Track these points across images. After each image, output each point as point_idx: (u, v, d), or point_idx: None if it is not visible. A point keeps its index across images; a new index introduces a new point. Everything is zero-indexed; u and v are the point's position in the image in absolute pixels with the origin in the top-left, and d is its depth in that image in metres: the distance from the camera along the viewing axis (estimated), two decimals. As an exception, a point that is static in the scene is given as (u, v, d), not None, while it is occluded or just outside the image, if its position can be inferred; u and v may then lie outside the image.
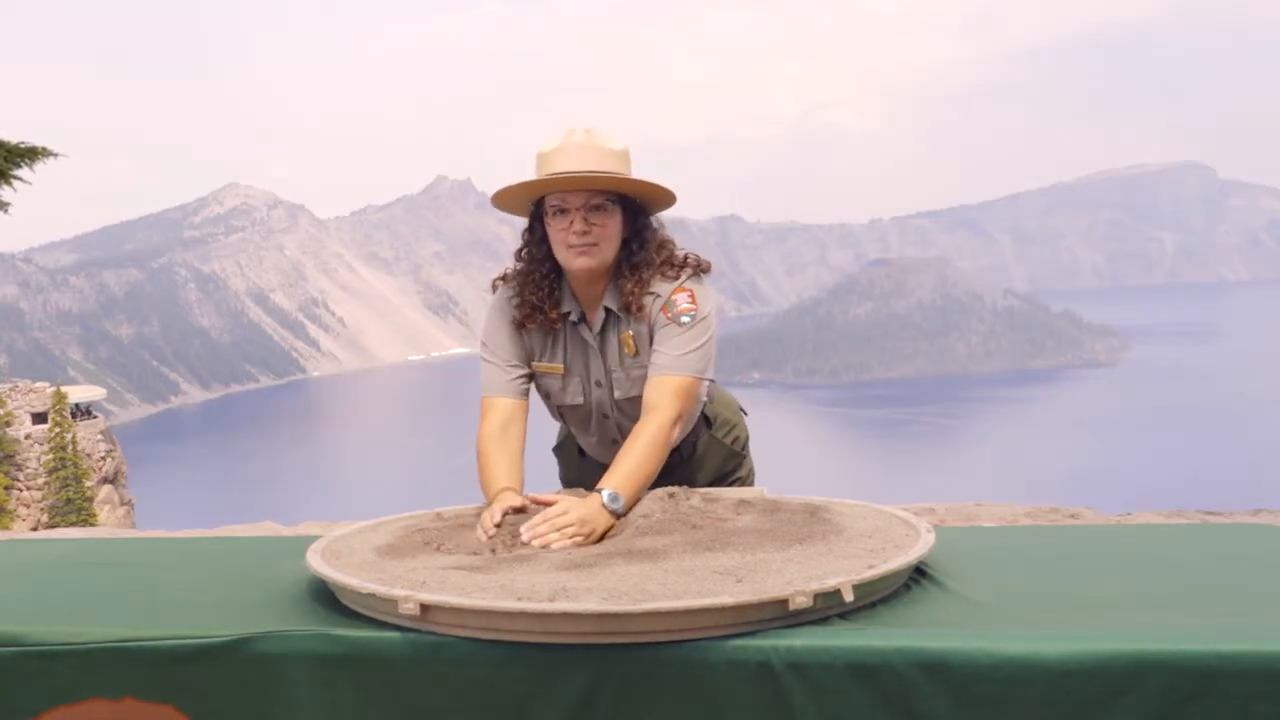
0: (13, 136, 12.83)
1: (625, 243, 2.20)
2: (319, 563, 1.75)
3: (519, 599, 1.50)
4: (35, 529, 26.42)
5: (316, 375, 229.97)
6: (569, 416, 2.39)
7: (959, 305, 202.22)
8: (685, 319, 2.17)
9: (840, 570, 1.60)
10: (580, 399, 2.32)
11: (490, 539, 1.86)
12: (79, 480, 33.10)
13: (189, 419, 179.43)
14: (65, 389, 36.12)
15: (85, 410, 38.08)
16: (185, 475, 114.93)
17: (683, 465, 2.44)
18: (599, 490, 1.94)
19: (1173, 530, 2.39)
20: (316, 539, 1.96)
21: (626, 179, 2.15)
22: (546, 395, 2.35)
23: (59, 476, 32.90)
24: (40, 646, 1.62)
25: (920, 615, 1.59)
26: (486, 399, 2.26)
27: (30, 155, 12.78)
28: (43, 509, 32.45)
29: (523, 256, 2.28)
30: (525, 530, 1.83)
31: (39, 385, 35.42)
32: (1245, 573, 1.83)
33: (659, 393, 2.13)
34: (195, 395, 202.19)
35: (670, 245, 2.25)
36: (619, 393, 2.29)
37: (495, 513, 1.91)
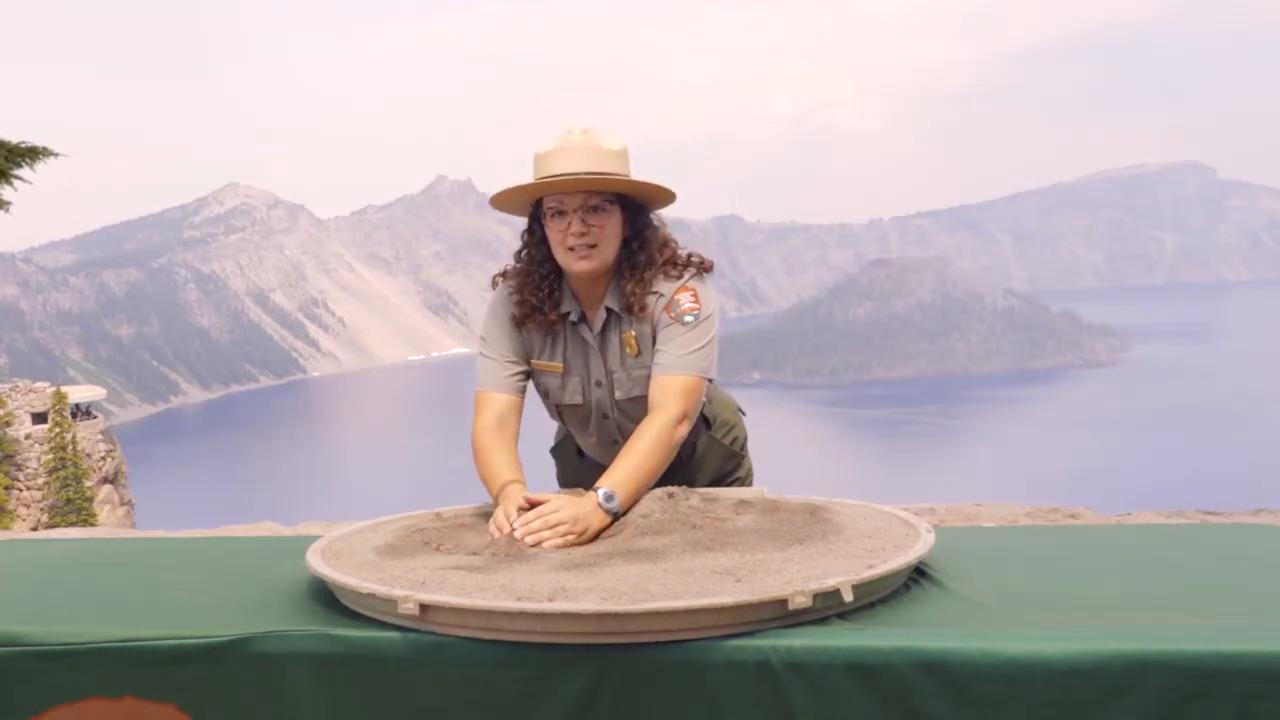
0: (13, 136, 12.83)
1: (625, 242, 2.19)
2: (319, 563, 1.75)
3: (519, 599, 1.50)
4: (35, 529, 26.42)
5: (316, 375, 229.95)
6: (568, 416, 2.39)
7: (959, 305, 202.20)
8: (689, 318, 2.17)
9: (840, 570, 1.60)
10: (579, 399, 2.31)
11: (500, 538, 1.85)
12: (79, 480, 33.10)
13: (189, 419, 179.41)
14: (65, 389, 36.11)
15: (85, 410, 38.09)
16: (185, 475, 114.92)
17: (682, 466, 2.43)
18: (595, 489, 1.94)
19: (1173, 530, 2.39)
20: (316, 539, 1.96)
21: (623, 180, 2.13)
22: (545, 394, 2.35)
23: (59, 476, 32.90)
24: (40, 646, 1.62)
25: (920, 615, 1.59)
26: (482, 394, 2.25)
27: (31, 155, 12.77)
28: (43, 509, 32.45)
29: (522, 257, 2.27)
30: (519, 527, 1.84)
31: (39, 385, 35.41)
32: (1245, 573, 1.83)
33: (663, 392, 2.13)
34: (195, 395, 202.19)
35: (673, 244, 2.24)
36: (620, 393, 2.28)
37: (511, 510, 1.90)
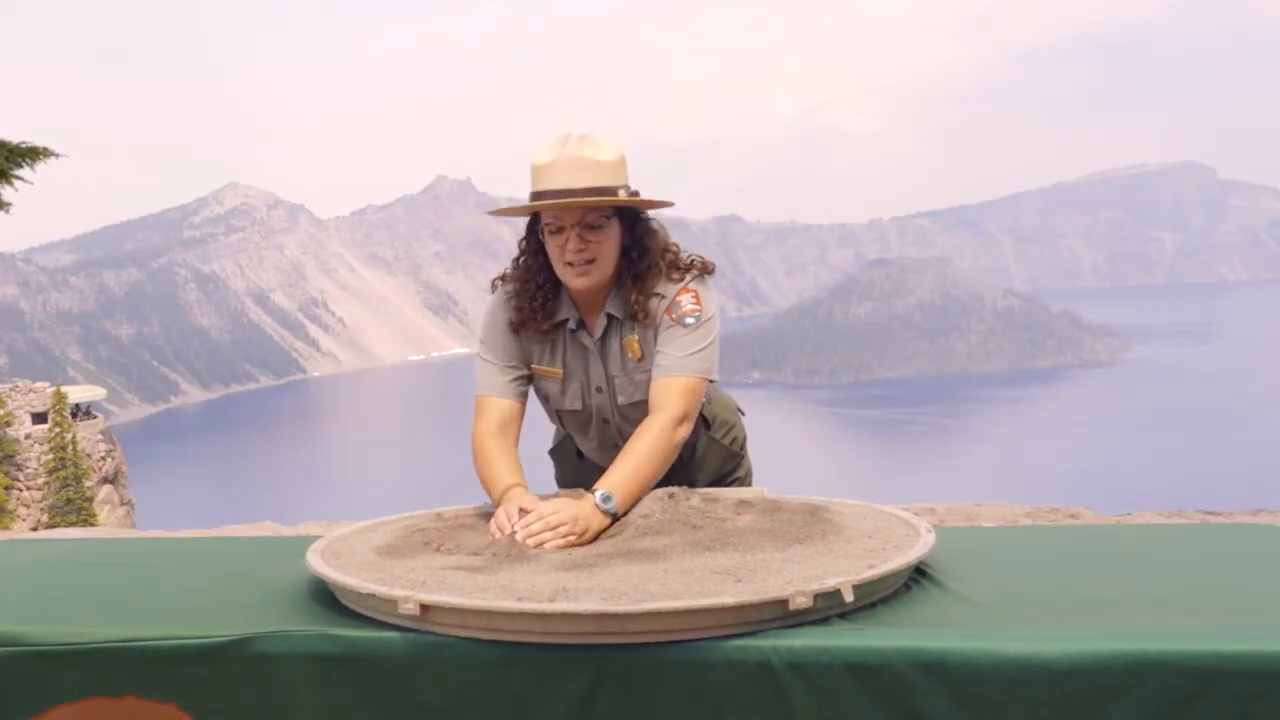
0: (13, 136, 12.84)
1: (625, 251, 2.19)
2: (319, 563, 1.76)
3: (519, 599, 1.50)
4: (35, 529, 26.42)
5: (316, 375, 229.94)
6: (568, 421, 2.39)
7: (959, 305, 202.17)
8: (690, 320, 2.17)
9: (840, 570, 1.61)
10: (579, 404, 2.31)
11: (501, 539, 1.86)
12: (79, 480, 33.09)
13: (189, 419, 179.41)
14: (65, 389, 36.11)
15: (85, 410, 38.08)
16: (185, 475, 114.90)
17: (682, 467, 2.43)
18: (593, 490, 1.94)
19: (1173, 530, 2.39)
20: (316, 539, 1.96)
21: (619, 200, 2.11)
22: (545, 399, 2.35)
23: (59, 476, 32.90)
24: (40, 646, 1.62)
25: (920, 615, 1.59)
26: (482, 398, 2.25)
27: (31, 155, 12.78)
28: (43, 509, 32.45)
29: (519, 264, 2.27)
30: (519, 529, 1.84)
31: (39, 385, 35.41)
32: (1245, 573, 1.83)
33: (664, 393, 2.13)
34: (195, 395, 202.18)
35: (673, 248, 2.24)
36: (622, 398, 2.28)
37: (512, 512, 1.91)
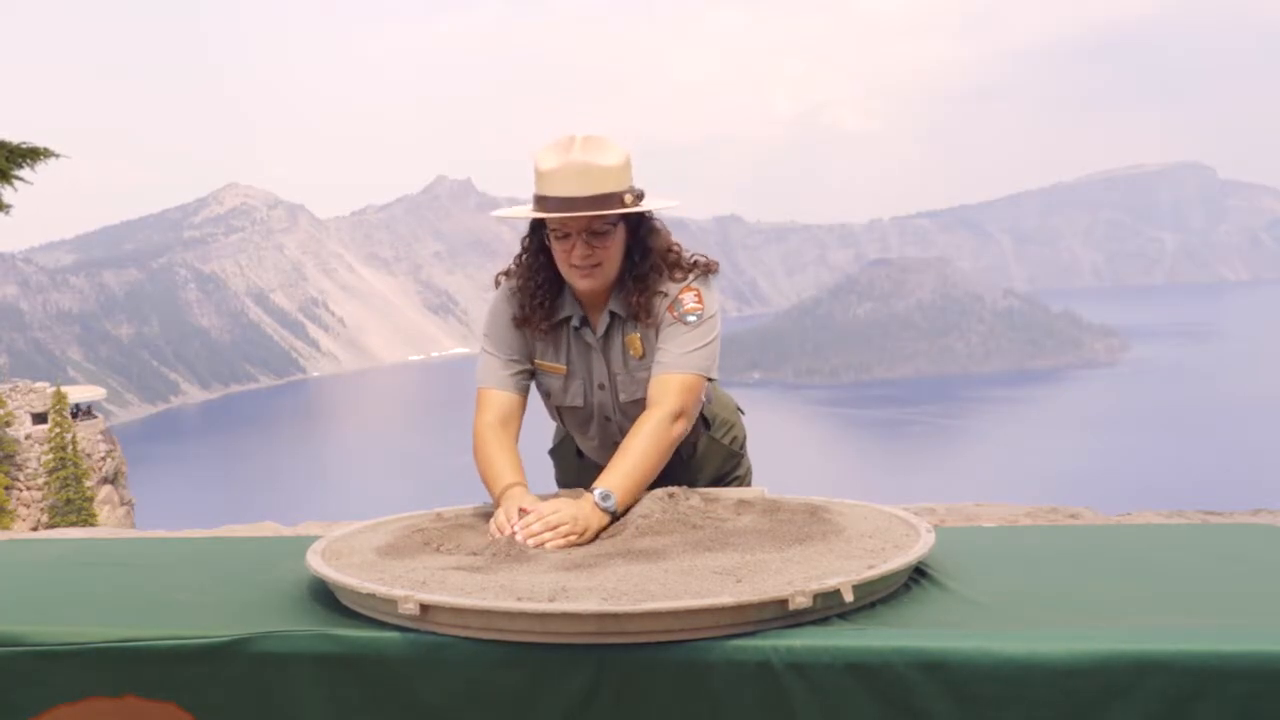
0: (14, 137, 12.85)
1: (628, 252, 2.19)
2: (319, 563, 1.76)
3: (519, 599, 1.50)
4: (35, 529, 26.43)
5: (316, 375, 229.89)
6: (569, 418, 2.39)
7: (959, 305, 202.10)
8: (691, 318, 2.17)
9: (840, 570, 1.61)
10: (581, 401, 2.31)
11: (500, 539, 1.86)
12: (79, 480, 33.08)
13: (189, 419, 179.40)
14: (65, 389, 36.08)
15: (85, 410, 38.08)
16: (185, 475, 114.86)
17: (683, 466, 2.44)
18: (592, 489, 1.94)
19: (1173, 530, 2.39)
20: (316, 539, 1.96)
21: (627, 210, 2.11)
22: (547, 395, 2.35)
23: (59, 476, 32.89)
24: (40, 646, 1.62)
25: (920, 615, 1.59)
26: (484, 391, 2.25)
27: (32, 156, 12.80)
28: (43, 509, 32.44)
29: (522, 262, 2.27)
30: (519, 530, 1.84)
31: (39, 385, 35.39)
32: (1245, 573, 1.83)
33: (661, 389, 2.13)
34: (195, 395, 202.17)
35: (677, 248, 2.24)
36: (624, 395, 2.28)
37: (512, 512, 1.91)
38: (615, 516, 1.94)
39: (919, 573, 1.79)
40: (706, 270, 2.24)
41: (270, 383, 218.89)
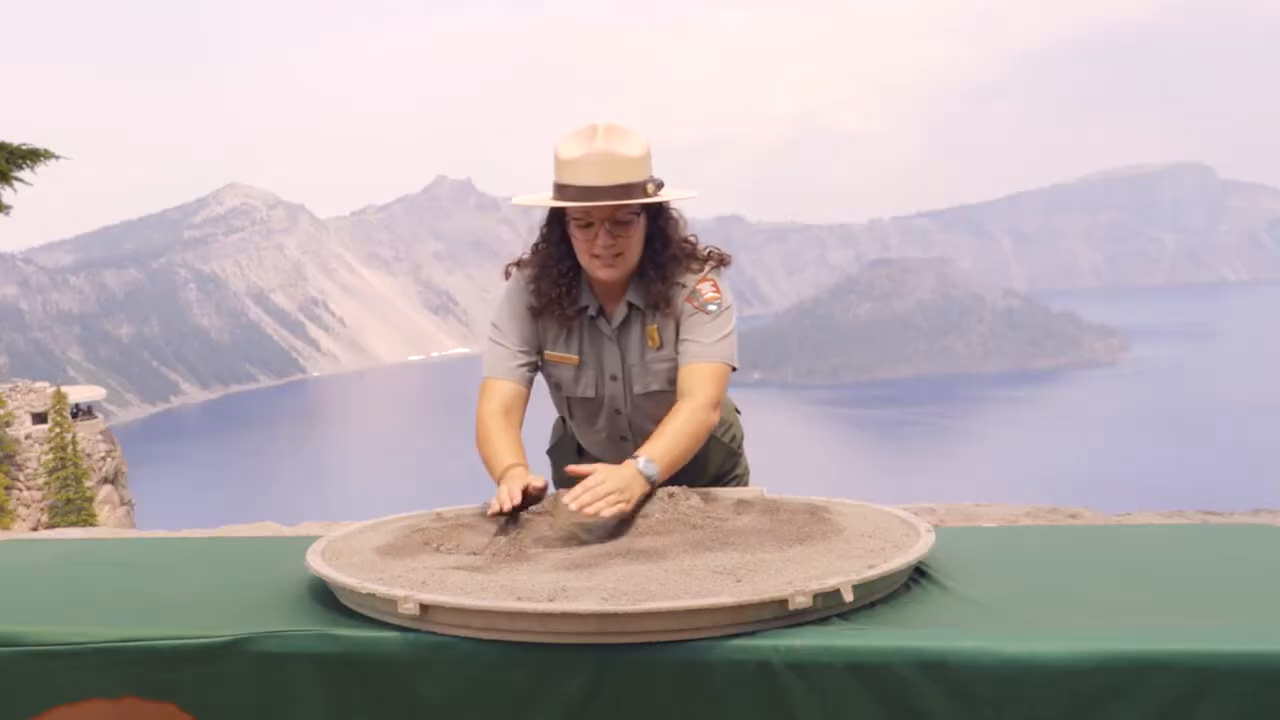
0: (14, 138, 12.86)
1: (648, 242, 2.20)
2: (319, 563, 1.76)
3: (519, 599, 1.50)
4: (35, 529, 26.42)
5: (316, 375, 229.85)
6: (578, 410, 2.38)
7: (959, 305, 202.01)
8: (712, 307, 2.20)
9: (840, 570, 1.61)
10: (592, 392, 2.31)
11: (500, 516, 1.87)
12: (79, 480, 33.08)
13: (189, 419, 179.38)
14: (65, 389, 36.08)
15: (85, 410, 38.07)
16: (185, 475, 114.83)
17: (685, 465, 2.44)
18: (635, 457, 1.94)
19: (1173, 530, 2.40)
20: (316, 539, 1.96)
21: (651, 200, 2.12)
22: (557, 386, 2.34)
23: (59, 476, 32.89)
24: (40, 646, 1.62)
25: (920, 615, 1.59)
26: (489, 380, 2.25)
27: (32, 157, 12.81)
28: (43, 509, 32.44)
29: (539, 250, 2.26)
30: (571, 501, 1.82)
31: (39, 385, 35.39)
32: (1245, 573, 1.83)
33: (695, 378, 2.15)
34: (195, 395, 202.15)
35: (693, 240, 2.26)
36: (638, 387, 2.29)
37: (515, 489, 1.90)
38: (654, 486, 1.94)
39: (919, 573, 1.79)
40: (720, 262, 2.27)
41: (270, 383, 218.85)
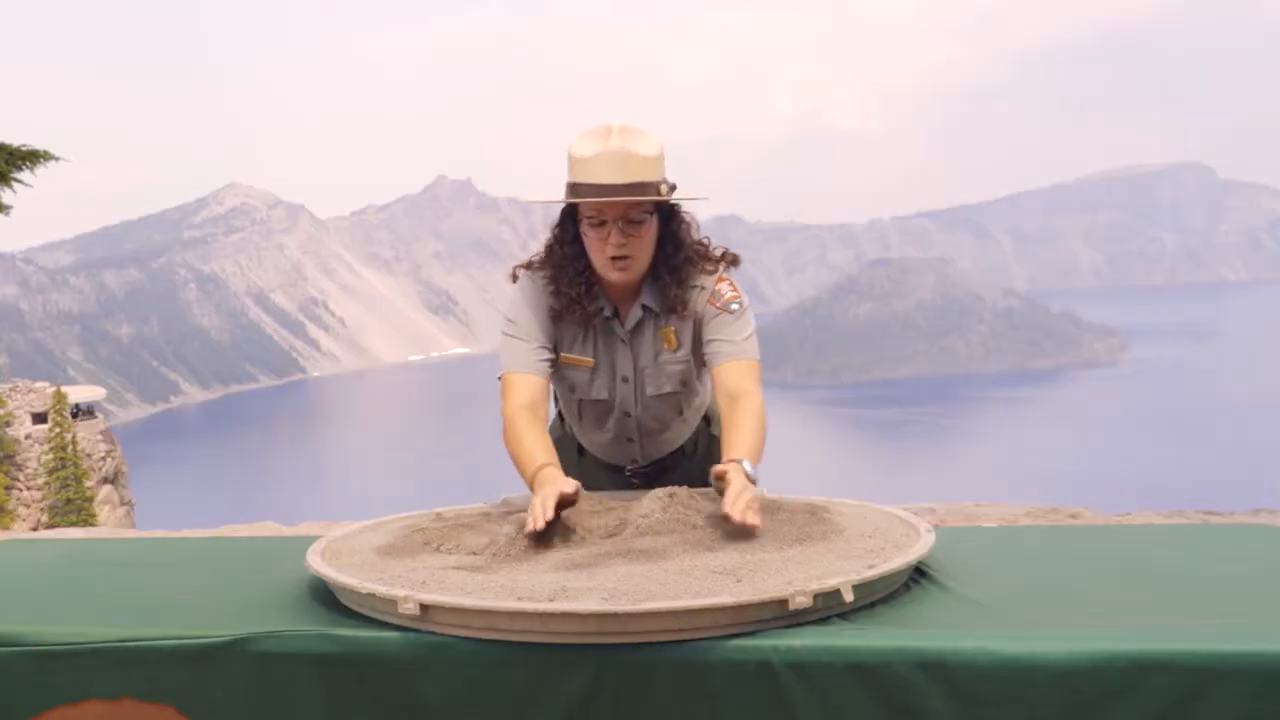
0: (13, 139, 12.87)
1: (660, 243, 2.19)
2: (319, 563, 1.76)
3: (519, 599, 1.50)
4: (35, 529, 26.41)
5: (316, 375, 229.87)
6: (588, 411, 2.37)
7: (959, 305, 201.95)
8: (734, 306, 2.20)
9: (840, 570, 1.60)
10: (605, 394, 2.30)
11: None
12: (79, 480, 33.08)
13: (189, 419, 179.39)
14: (65, 389, 36.09)
15: (86, 410, 38.07)
16: (185, 475, 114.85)
17: (684, 463, 2.44)
18: (737, 460, 1.93)
19: (1173, 531, 2.40)
20: (316, 539, 1.96)
21: (666, 198, 2.12)
22: (571, 389, 2.32)
23: (59, 476, 32.89)
24: (40, 646, 1.62)
25: (920, 615, 1.59)
26: (511, 375, 2.20)
27: (31, 158, 12.83)
28: (43, 509, 32.44)
29: (554, 252, 2.23)
30: (732, 512, 1.77)
31: (39, 385, 35.40)
32: (1245, 573, 1.83)
33: (739, 377, 2.15)
34: (195, 395, 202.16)
35: (705, 241, 2.26)
36: (651, 389, 2.28)
37: (549, 505, 1.82)
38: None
39: (919, 573, 1.79)
40: (732, 262, 2.27)
41: (270, 383, 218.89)
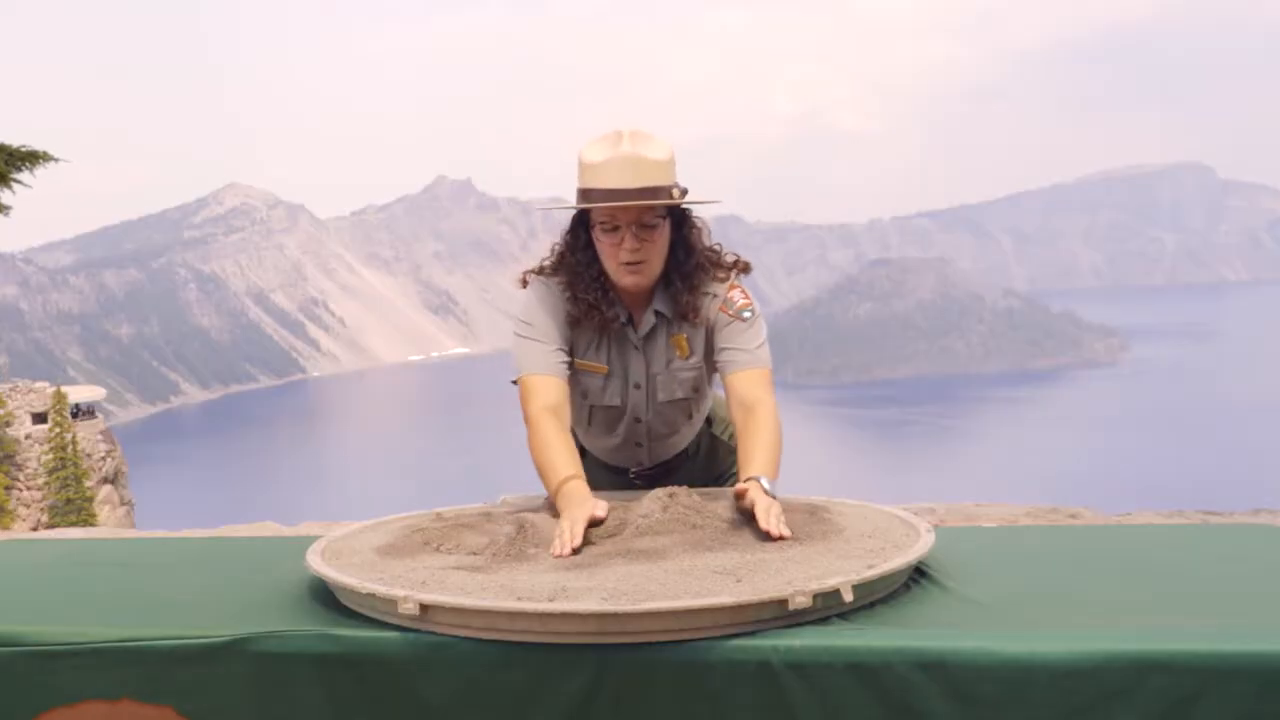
0: (13, 139, 12.87)
1: (672, 249, 2.18)
2: (319, 563, 1.75)
3: (519, 599, 1.50)
4: (35, 529, 26.41)
5: (316, 375, 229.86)
6: (598, 417, 2.36)
7: (959, 305, 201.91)
8: (747, 314, 2.20)
9: (840, 570, 1.60)
10: (618, 400, 2.29)
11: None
12: (79, 480, 33.08)
13: (189, 419, 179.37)
14: (65, 389, 36.09)
15: (86, 410, 38.06)
16: (185, 475, 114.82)
17: (687, 464, 2.44)
18: (755, 478, 1.92)
19: (1173, 531, 2.40)
20: (316, 539, 1.96)
21: (679, 201, 2.11)
22: (583, 395, 2.30)
23: (59, 476, 32.89)
24: (40, 646, 1.62)
25: (920, 615, 1.59)
26: (531, 377, 2.14)
27: (31, 159, 12.82)
28: (43, 509, 32.44)
29: (567, 258, 2.22)
30: (769, 528, 1.76)
31: (39, 385, 35.39)
32: (1245, 573, 1.83)
33: (754, 386, 2.14)
34: (195, 395, 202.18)
35: (717, 247, 2.25)
36: (662, 395, 2.28)
37: (579, 529, 1.79)
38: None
39: (919, 573, 1.79)
40: (744, 269, 2.26)
41: (270, 383, 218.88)
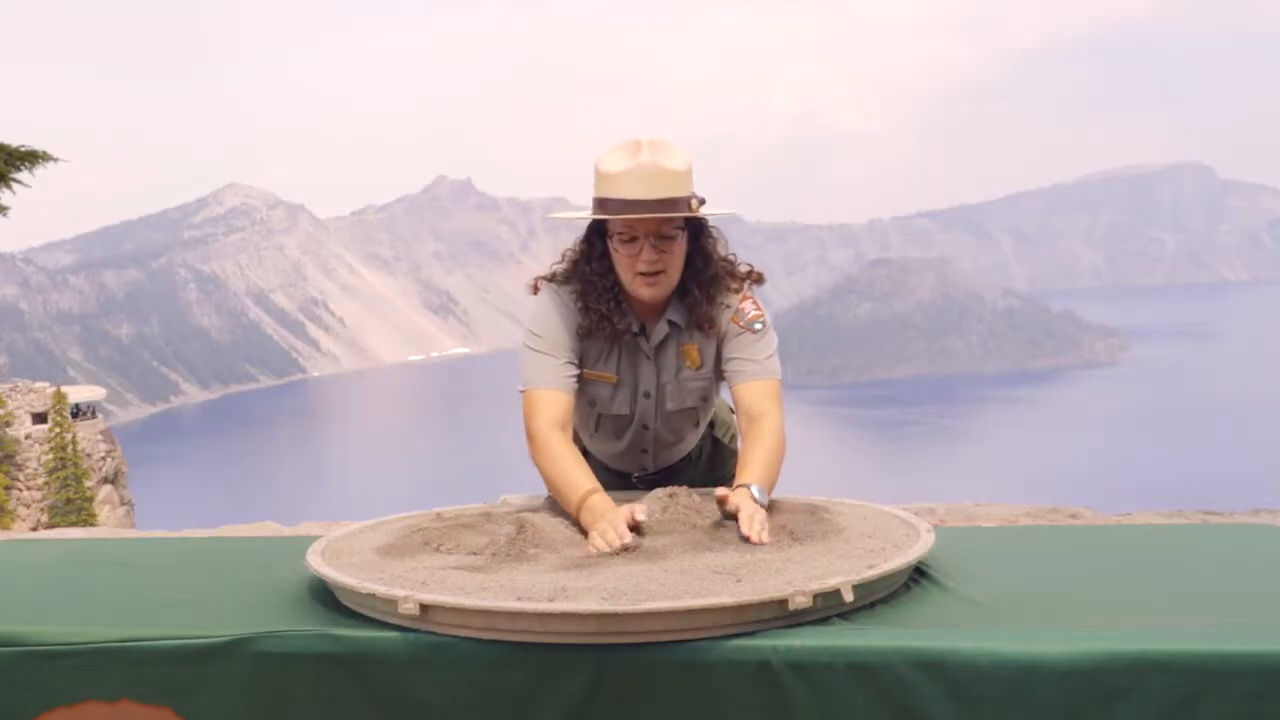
0: (13, 139, 12.87)
1: (689, 259, 2.17)
2: (319, 563, 1.76)
3: (519, 599, 1.50)
4: (35, 529, 26.41)
5: (316, 375, 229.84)
6: (606, 425, 2.35)
7: (959, 305, 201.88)
8: (757, 325, 2.19)
9: (840, 570, 1.61)
10: (627, 409, 2.29)
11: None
12: (79, 480, 33.07)
13: (189, 419, 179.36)
14: (65, 389, 36.07)
15: (86, 410, 38.06)
16: (185, 475, 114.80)
17: (690, 468, 2.44)
18: (746, 485, 1.93)
19: (1173, 531, 2.40)
20: (316, 539, 1.96)
21: (699, 213, 2.10)
22: (591, 403, 2.29)
23: (59, 476, 32.88)
24: (40, 646, 1.62)
25: (920, 615, 1.59)
26: (537, 391, 2.13)
27: (30, 159, 12.82)
28: (43, 509, 32.44)
29: (580, 268, 2.20)
30: (750, 533, 1.78)
31: (39, 385, 35.38)
32: (1245, 573, 1.83)
33: (761, 397, 2.14)
34: (195, 395, 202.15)
35: (732, 257, 2.24)
36: (671, 404, 2.27)
37: (622, 528, 1.80)
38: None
39: (919, 573, 1.79)
40: (757, 280, 2.26)
41: (270, 383, 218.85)
